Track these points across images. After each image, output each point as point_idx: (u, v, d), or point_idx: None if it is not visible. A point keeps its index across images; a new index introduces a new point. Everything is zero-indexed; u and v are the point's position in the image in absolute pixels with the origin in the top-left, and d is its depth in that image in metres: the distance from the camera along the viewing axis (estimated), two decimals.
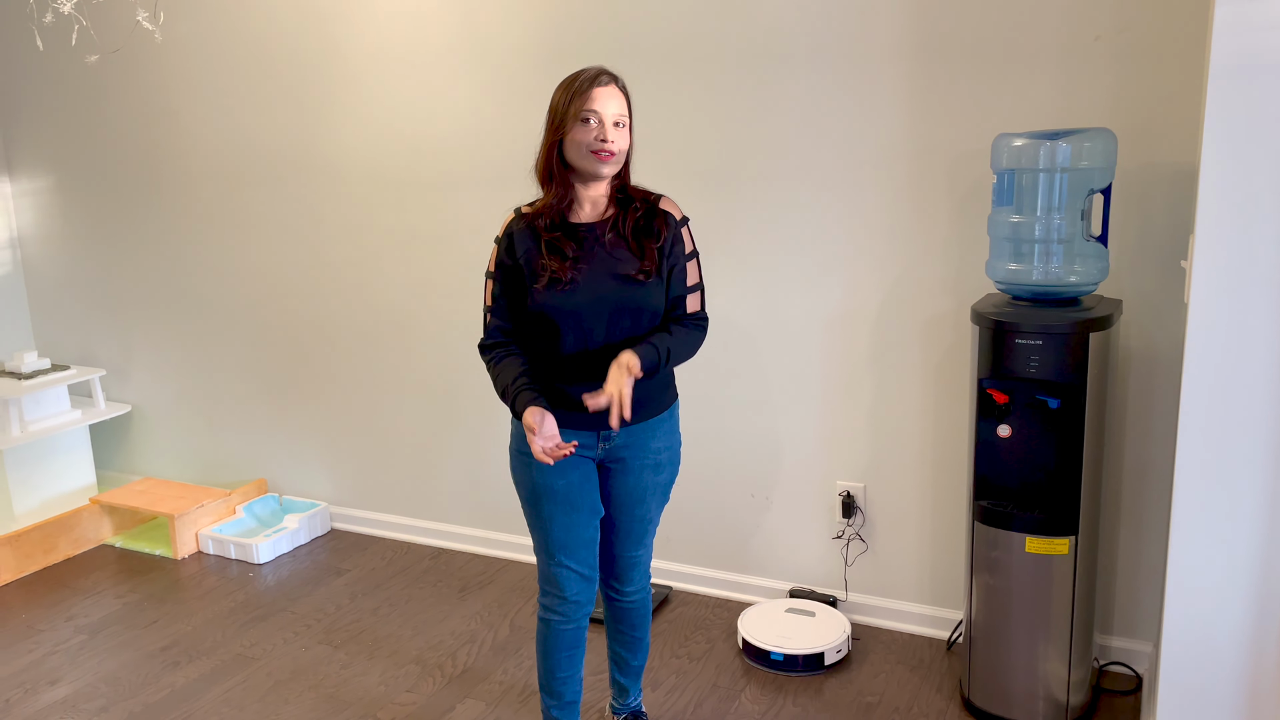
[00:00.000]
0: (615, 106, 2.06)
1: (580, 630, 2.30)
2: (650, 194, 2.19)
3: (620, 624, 2.42)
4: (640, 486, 2.24)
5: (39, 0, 3.74)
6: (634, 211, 2.14)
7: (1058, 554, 2.42)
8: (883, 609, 3.06)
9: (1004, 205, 2.44)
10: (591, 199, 2.15)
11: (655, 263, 2.12)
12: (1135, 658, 2.78)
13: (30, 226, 4.32)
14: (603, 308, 2.09)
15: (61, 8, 2.50)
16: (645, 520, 2.29)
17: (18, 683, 2.90)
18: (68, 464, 4.06)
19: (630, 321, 2.12)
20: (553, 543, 2.20)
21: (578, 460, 2.18)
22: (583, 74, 2.07)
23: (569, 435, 2.16)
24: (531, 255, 2.10)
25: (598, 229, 2.13)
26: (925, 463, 2.93)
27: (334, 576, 3.52)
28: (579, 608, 2.26)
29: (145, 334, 4.17)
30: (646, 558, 2.36)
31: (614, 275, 2.10)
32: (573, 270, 2.08)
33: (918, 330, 2.86)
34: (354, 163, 3.56)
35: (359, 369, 3.75)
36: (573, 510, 2.18)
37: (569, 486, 2.17)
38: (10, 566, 3.58)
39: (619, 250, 2.12)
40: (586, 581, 2.25)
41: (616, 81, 2.09)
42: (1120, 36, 2.48)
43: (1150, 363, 2.62)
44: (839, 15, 2.77)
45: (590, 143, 2.04)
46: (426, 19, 3.32)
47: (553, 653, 2.30)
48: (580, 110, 2.04)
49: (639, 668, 2.49)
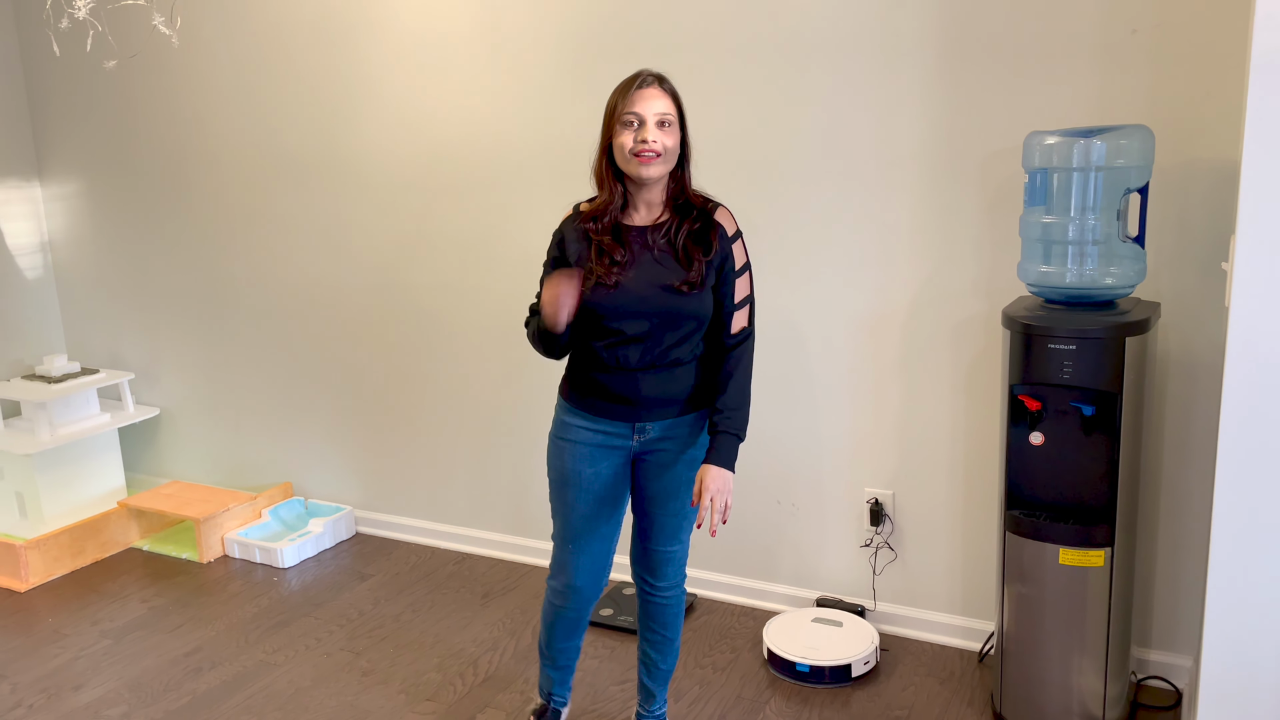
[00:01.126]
0: (658, 106, 2.06)
1: (582, 617, 2.37)
2: (709, 202, 2.18)
3: (652, 621, 2.40)
4: (675, 481, 2.25)
5: (55, 5, 3.76)
6: (689, 221, 2.14)
7: (1093, 566, 2.35)
8: (912, 619, 2.99)
9: (1036, 205, 2.37)
10: (646, 201, 2.15)
11: (701, 274, 2.12)
12: (1174, 672, 2.69)
13: (61, 231, 4.36)
14: (645, 313, 2.11)
15: (77, 13, 2.49)
16: (680, 515, 2.29)
17: (41, 688, 2.91)
18: (97, 467, 4.08)
19: (673, 328, 2.13)
20: (570, 530, 2.26)
21: (609, 452, 2.22)
22: (631, 76, 2.09)
23: (604, 425, 2.21)
24: (582, 255, 2.14)
25: (649, 234, 2.14)
26: (955, 470, 2.86)
27: (358, 581, 3.51)
28: (583, 597, 2.32)
29: (173, 337, 4.18)
30: (682, 554, 2.35)
31: (659, 284, 2.11)
32: (619, 274, 2.10)
33: (947, 334, 2.79)
34: (380, 164, 3.54)
35: (385, 373, 3.73)
36: (596, 501, 2.23)
37: (596, 476, 2.22)
38: (39, 570, 3.60)
39: (667, 258, 2.12)
40: (595, 574, 2.30)
41: (661, 83, 2.09)
42: (1158, 30, 2.40)
43: (1189, 368, 2.54)
44: (867, 11, 2.70)
45: (632, 145, 2.05)
46: (451, 18, 3.29)
47: (554, 628, 2.39)
48: (622, 113, 2.06)
49: (667, 672, 2.46)
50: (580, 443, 2.23)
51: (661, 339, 2.13)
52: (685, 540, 2.34)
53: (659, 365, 2.15)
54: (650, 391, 2.16)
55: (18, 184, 4.29)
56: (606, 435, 2.22)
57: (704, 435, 2.26)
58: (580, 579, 2.29)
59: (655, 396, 2.17)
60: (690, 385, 2.20)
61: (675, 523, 2.30)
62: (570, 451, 2.23)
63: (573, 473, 2.24)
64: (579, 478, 2.23)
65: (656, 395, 2.17)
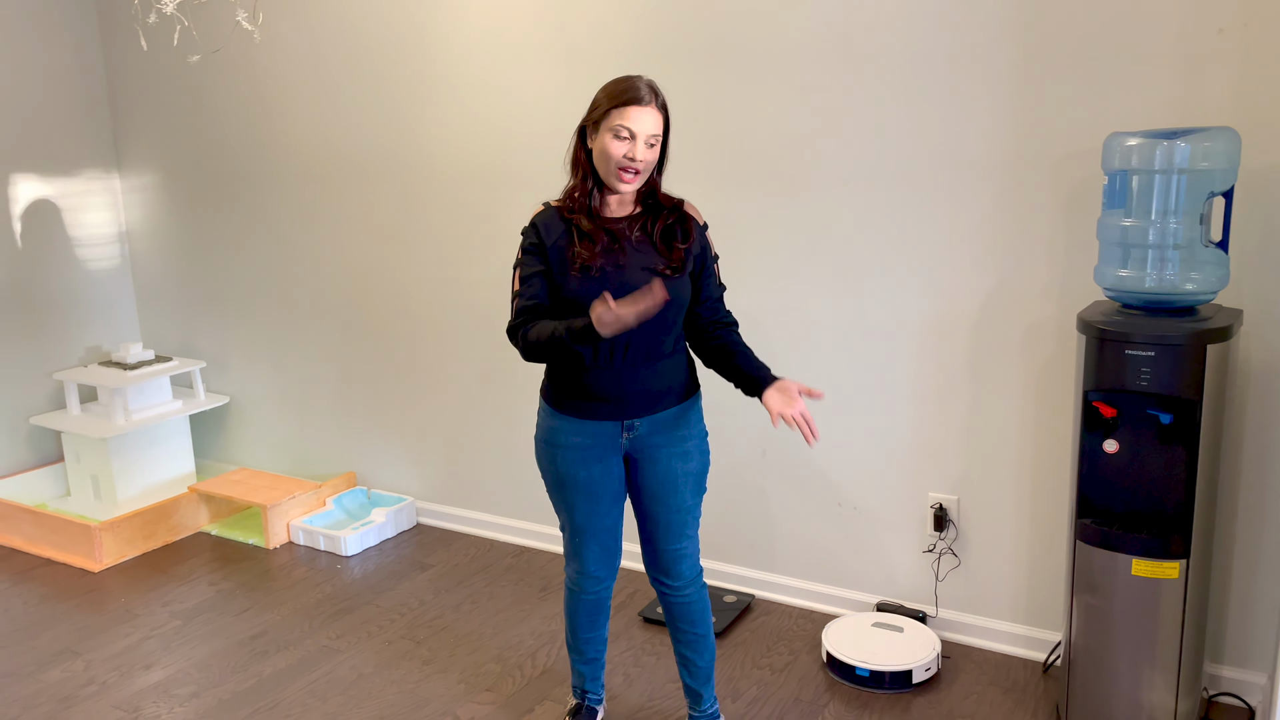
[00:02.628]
0: (651, 126, 2.09)
1: (601, 600, 2.43)
2: (674, 198, 2.24)
3: (679, 621, 2.40)
4: (671, 476, 2.27)
5: (143, 1, 3.86)
6: (662, 215, 2.20)
7: (1167, 578, 2.29)
8: (975, 627, 2.95)
9: (1115, 208, 2.32)
10: (619, 197, 2.19)
11: (682, 261, 2.18)
12: (1248, 689, 2.61)
13: (138, 222, 4.47)
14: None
15: (164, 8, 2.55)
16: (681, 511, 2.30)
17: (114, 665, 2.99)
18: (168, 452, 4.18)
19: (659, 316, 2.14)
20: (575, 525, 2.32)
21: (601, 453, 2.24)
22: (628, 89, 2.09)
23: (591, 426, 2.22)
24: (561, 245, 2.15)
25: (625, 225, 2.18)
26: (1023, 476, 2.81)
27: (418, 571, 3.55)
28: (600, 581, 2.39)
29: (243, 328, 4.27)
30: (692, 549, 2.35)
31: (643, 268, 2.15)
32: (603, 259, 2.13)
33: (1018, 338, 2.74)
34: (446, 160, 3.58)
35: (448, 366, 3.78)
36: (594, 499, 2.27)
37: (590, 479, 2.25)
38: (112, 551, 3.70)
39: (645, 246, 2.18)
40: (607, 558, 2.36)
41: (658, 100, 2.11)
42: (1245, 29, 2.33)
43: (1272, 377, 2.46)
44: (942, 11, 2.67)
45: (619, 159, 2.09)
46: (519, 16, 3.31)
47: (576, 615, 2.44)
48: (616, 124, 2.07)
49: (707, 669, 2.44)
50: (570, 447, 2.23)
51: (647, 327, 2.14)
52: (693, 535, 2.35)
53: (644, 359, 2.18)
54: (637, 386, 2.18)
55: (98, 175, 4.41)
56: (596, 437, 2.23)
57: (692, 426, 2.29)
58: (593, 565, 2.36)
59: (641, 391, 2.19)
60: (674, 378, 2.23)
61: (680, 519, 2.30)
62: (562, 457, 2.24)
63: (567, 477, 2.25)
64: (574, 481, 2.25)
65: (643, 390, 2.19)
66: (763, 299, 3.09)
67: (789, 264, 3.02)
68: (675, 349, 2.23)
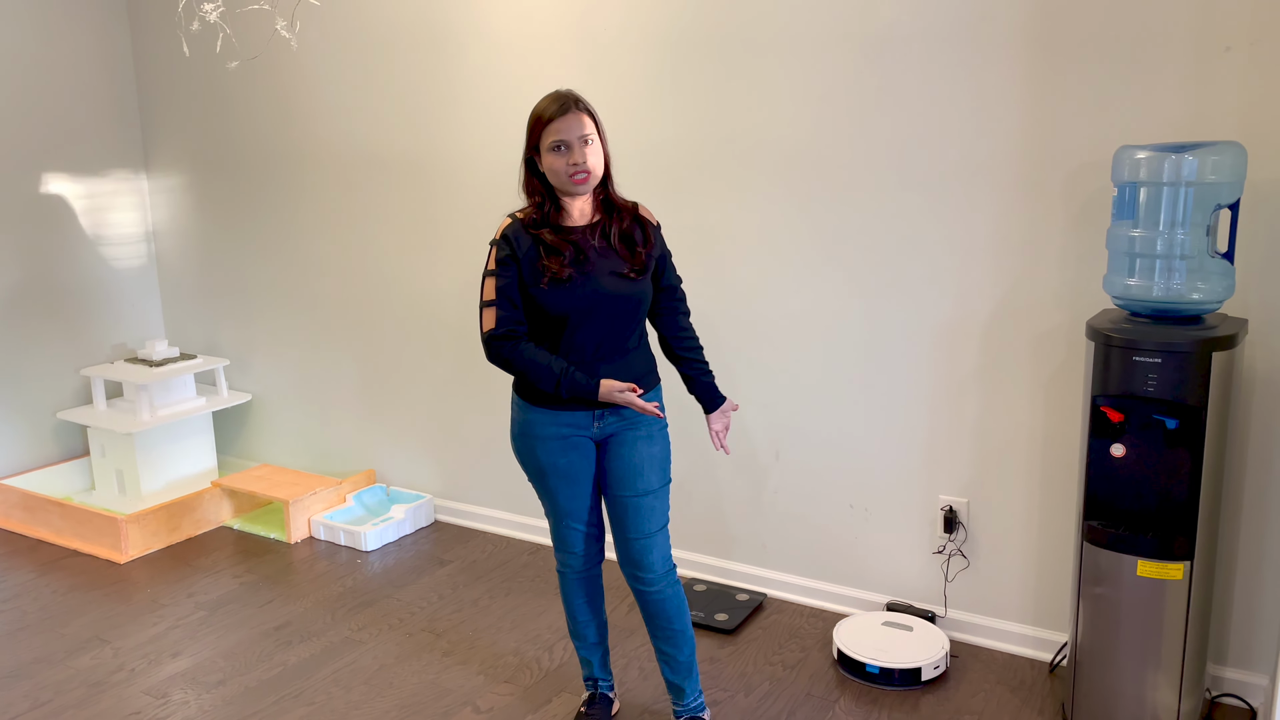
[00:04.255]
0: (579, 128, 2.25)
1: (593, 578, 2.56)
2: (628, 202, 2.42)
3: (657, 619, 2.46)
4: (636, 458, 2.41)
5: (186, 8, 3.95)
6: (619, 220, 2.37)
7: (1171, 579, 2.35)
8: (983, 627, 3.01)
9: (1125, 219, 2.39)
10: (579, 207, 2.36)
11: (643, 263, 2.36)
12: (1250, 690, 2.67)
13: (164, 221, 4.57)
14: (602, 303, 2.30)
15: (208, 17, 2.64)
16: (649, 494, 2.42)
17: (142, 654, 3.07)
18: (192, 448, 4.27)
19: (626, 315, 2.34)
20: (560, 510, 2.46)
21: (576, 440, 2.40)
22: (545, 106, 2.27)
23: (565, 416, 2.38)
24: (531, 257, 2.30)
25: (587, 233, 2.34)
26: (1032, 480, 2.87)
27: (437, 567, 3.63)
28: (589, 559, 2.53)
29: (267, 326, 4.36)
30: (662, 542, 2.43)
31: (610, 273, 2.32)
32: (571, 268, 2.29)
33: (1028, 344, 2.81)
34: (469, 162, 3.66)
35: (467, 366, 3.85)
36: (574, 483, 2.43)
37: (569, 465, 2.41)
38: (137, 543, 3.78)
39: (608, 252, 2.34)
40: (592, 537, 2.51)
41: (578, 104, 2.27)
42: (1253, 46, 2.40)
43: (1275, 384, 2.53)
44: (956, 23, 2.74)
45: (565, 169, 2.25)
46: (543, 21, 3.39)
47: (572, 599, 2.57)
48: (550, 142, 2.25)
49: (688, 663, 2.50)
50: (547, 438, 2.39)
51: (614, 327, 2.34)
52: (663, 528, 2.44)
53: (614, 353, 2.36)
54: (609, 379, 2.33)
55: (126, 176, 4.51)
56: (570, 427, 2.38)
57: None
58: (580, 546, 2.50)
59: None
60: (638, 369, 2.41)
61: (647, 503, 2.41)
62: (540, 448, 2.40)
63: (548, 465, 2.41)
64: (554, 468, 2.41)
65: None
66: (778, 303, 3.16)
67: (801, 269, 3.09)
68: (639, 344, 2.42)
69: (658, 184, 3.29)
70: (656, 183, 3.29)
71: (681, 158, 3.23)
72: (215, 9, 2.72)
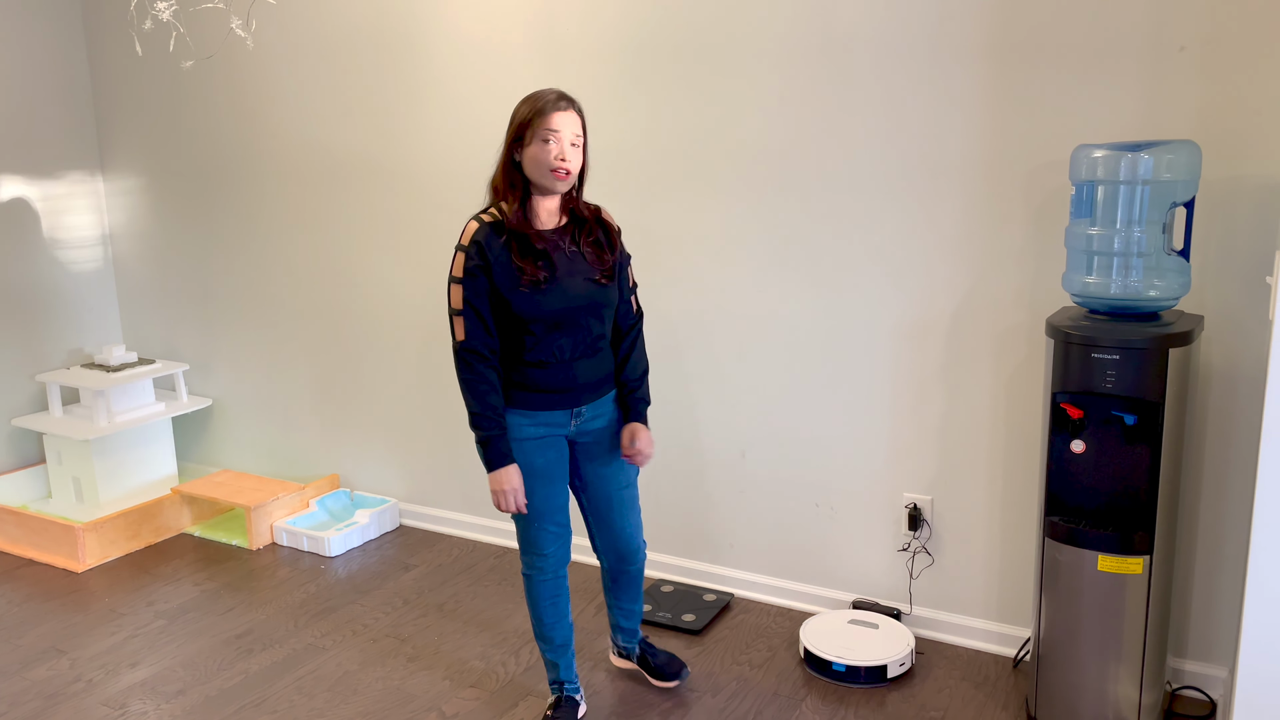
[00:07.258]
0: (573, 128, 2.30)
1: (560, 580, 2.59)
2: (591, 206, 2.47)
3: (623, 593, 2.72)
4: (615, 451, 2.55)
5: (139, 7, 3.89)
6: (587, 224, 2.42)
7: (1131, 573, 2.38)
8: (948, 624, 3.03)
9: (1083, 217, 2.41)
10: (547, 209, 2.39)
11: (611, 269, 2.43)
12: (1209, 683, 2.71)
13: (121, 224, 4.49)
14: (576, 305, 2.36)
15: (160, 15, 2.60)
16: (631, 486, 2.60)
17: (100, 664, 3.01)
18: (151, 454, 4.20)
19: (596, 316, 2.41)
20: (535, 511, 2.49)
21: (553, 440, 2.46)
22: (545, 96, 2.29)
23: (544, 416, 2.43)
24: (503, 259, 2.31)
25: (557, 237, 2.38)
26: (995, 477, 2.90)
27: (402, 571, 3.59)
28: (557, 562, 2.56)
29: (227, 331, 4.30)
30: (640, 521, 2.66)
31: (583, 277, 2.38)
32: (545, 271, 2.33)
33: (990, 342, 2.83)
34: (431, 164, 3.64)
35: (431, 369, 3.82)
36: (550, 482, 2.48)
37: (547, 464, 2.47)
38: (95, 552, 3.72)
39: (577, 256, 2.39)
40: (561, 540, 2.55)
41: (574, 105, 2.31)
42: (1207, 46, 2.44)
43: (1231, 380, 2.56)
44: (917, 24, 2.76)
45: (550, 161, 2.28)
46: (506, 28, 3.38)
47: (539, 602, 2.58)
48: (542, 130, 2.27)
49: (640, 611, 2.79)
50: (526, 439, 2.44)
51: (590, 328, 2.41)
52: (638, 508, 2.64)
53: (585, 353, 2.42)
54: (585, 377, 2.43)
55: (81, 178, 4.43)
56: (549, 426, 2.44)
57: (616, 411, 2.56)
58: (550, 547, 2.53)
59: (589, 381, 2.45)
60: (611, 366, 2.51)
61: (631, 494, 2.60)
62: (519, 449, 2.43)
63: (526, 467, 2.45)
64: (532, 468, 2.45)
65: (590, 380, 2.45)
66: (742, 304, 3.16)
67: (765, 269, 3.10)
68: (607, 343, 2.50)
69: (620, 186, 3.28)
70: (619, 185, 3.29)
71: (644, 160, 3.23)
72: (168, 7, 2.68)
